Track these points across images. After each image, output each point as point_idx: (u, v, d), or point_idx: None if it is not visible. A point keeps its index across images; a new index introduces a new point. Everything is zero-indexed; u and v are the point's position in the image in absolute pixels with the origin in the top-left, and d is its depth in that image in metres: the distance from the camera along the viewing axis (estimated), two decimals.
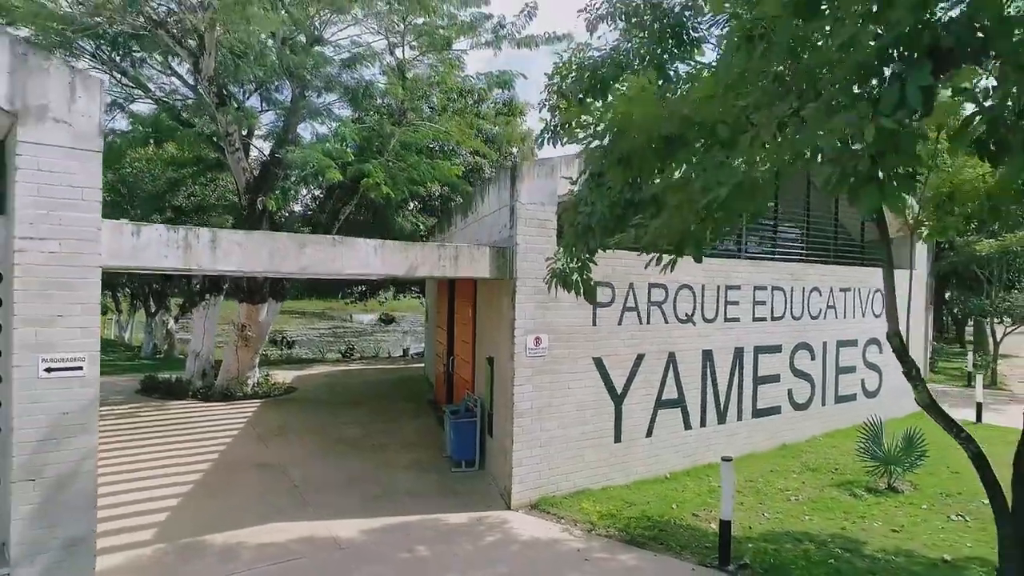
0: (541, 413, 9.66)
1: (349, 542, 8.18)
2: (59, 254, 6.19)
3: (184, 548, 7.89)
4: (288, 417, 14.82)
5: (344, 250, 8.20)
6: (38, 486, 6.15)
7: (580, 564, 7.71)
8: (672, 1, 7.39)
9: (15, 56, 5.97)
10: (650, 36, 7.53)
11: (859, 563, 7.89)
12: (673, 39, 7.64)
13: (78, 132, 6.26)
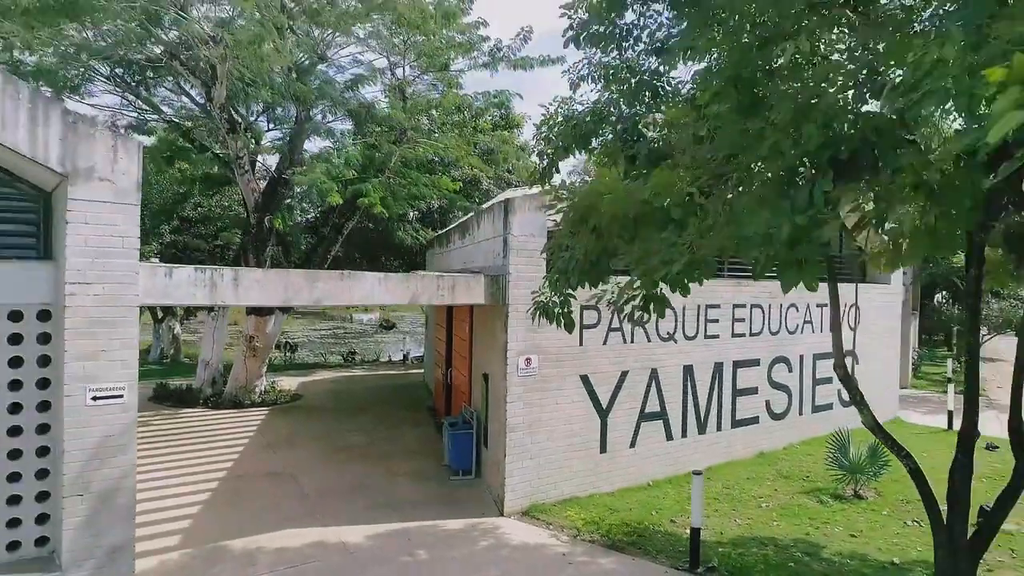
0: (531, 428, 10.52)
1: (356, 547, 9.05)
2: (103, 296, 7.04)
3: (209, 553, 8.76)
4: (295, 425, 15.68)
5: (352, 283, 9.07)
6: (85, 500, 7.00)
7: (564, 567, 8.58)
8: (645, 62, 8.20)
9: (66, 124, 6.81)
10: (627, 92, 8.36)
11: (815, 566, 8.77)
12: (648, 91, 8.48)
13: (120, 189, 7.10)
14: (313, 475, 12.04)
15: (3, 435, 7.04)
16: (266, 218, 16.66)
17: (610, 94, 8.54)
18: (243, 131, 15.68)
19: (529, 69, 19.86)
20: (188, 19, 12.78)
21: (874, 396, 16.61)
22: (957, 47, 3.27)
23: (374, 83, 19.49)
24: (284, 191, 16.95)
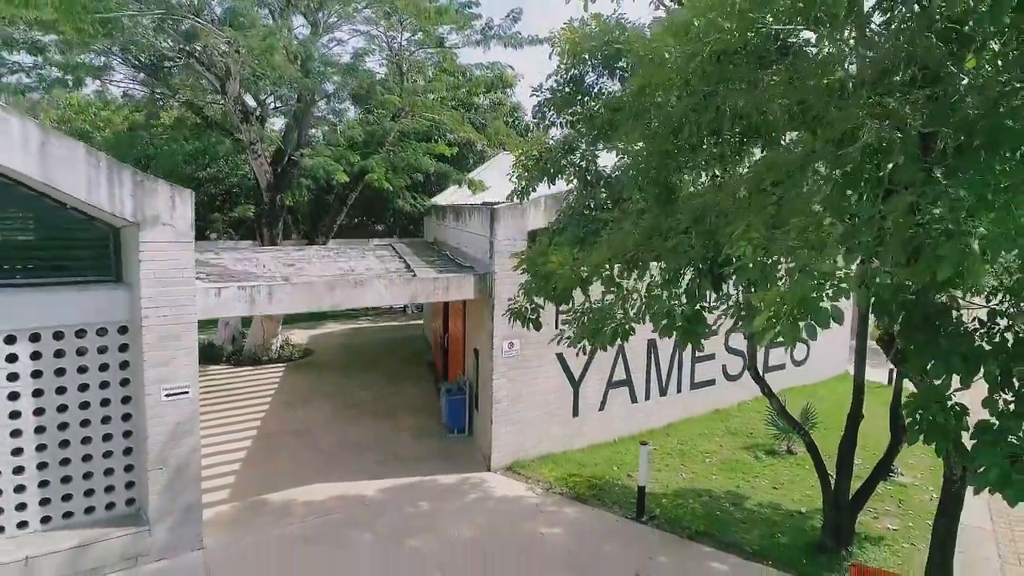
0: (514, 400, 12.60)
1: (370, 499, 11.27)
2: (169, 316, 8.93)
3: (252, 505, 10.97)
4: (310, 383, 17.80)
5: (363, 290, 10.95)
6: (164, 471, 9.09)
7: (535, 515, 10.82)
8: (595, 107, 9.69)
9: (135, 183, 8.53)
10: (590, 127, 9.96)
11: (737, 514, 11.02)
12: (609, 127, 10.11)
13: (178, 230, 8.89)
14: (329, 433, 14.21)
15: (97, 423, 9.06)
16: (278, 196, 18.30)
17: (576, 125, 10.13)
18: (256, 119, 17.14)
19: (519, 48, 21.14)
20: (205, 26, 14.08)
21: (824, 354, 18.81)
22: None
23: (373, 55, 20.79)
24: (293, 171, 18.52)
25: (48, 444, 8.72)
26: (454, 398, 14.24)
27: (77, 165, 8.15)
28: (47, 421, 8.69)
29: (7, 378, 8.38)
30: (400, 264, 13.81)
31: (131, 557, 8.96)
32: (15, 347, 8.37)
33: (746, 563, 9.58)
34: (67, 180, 8.14)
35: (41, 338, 8.54)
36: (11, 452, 8.48)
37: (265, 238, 18.94)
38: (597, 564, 9.41)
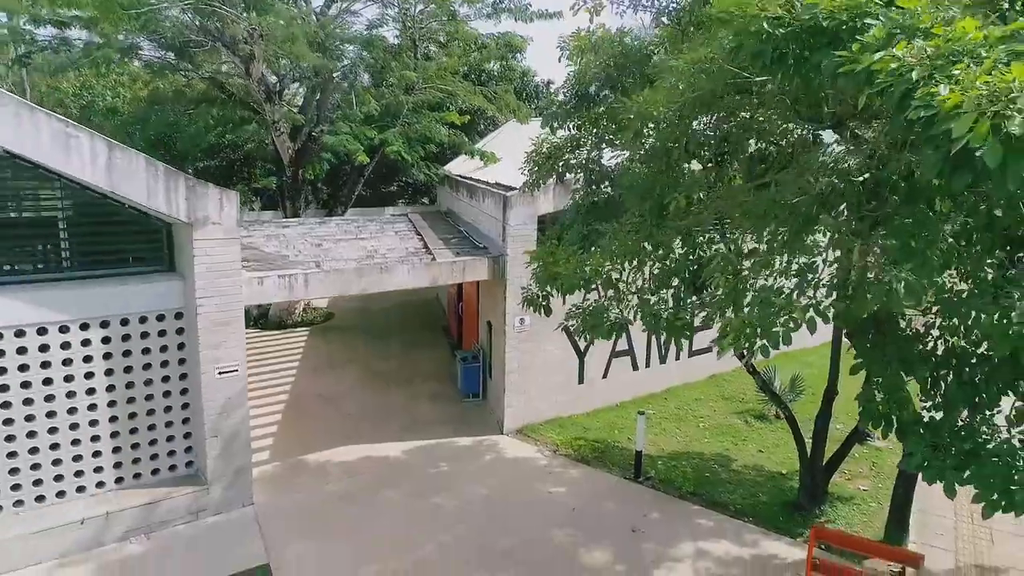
0: (525, 371, 13.80)
1: (395, 460, 12.61)
2: (220, 304, 10.08)
3: (289, 467, 12.32)
4: (332, 348, 19.05)
5: (389, 275, 12.07)
6: (219, 439, 10.39)
7: (544, 476, 12.14)
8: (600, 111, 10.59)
9: (188, 188, 9.57)
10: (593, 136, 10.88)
11: (723, 474, 12.30)
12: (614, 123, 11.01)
13: (226, 228, 9.96)
14: (354, 398, 15.51)
15: (159, 397, 10.32)
16: (299, 171, 19.26)
17: (580, 133, 11.04)
18: (278, 96, 17.97)
19: (529, 21, 21.75)
20: (230, 13, 14.82)
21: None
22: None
23: (387, 26, 21.45)
24: (314, 146, 19.42)
25: (119, 416, 10.00)
26: (469, 366, 15.48)
27: (138, 175, 9.19)
28: (117, 396, 9.94)
29: (83, 360, 9.59)
30: (419, 243, 14.87)
31: (193, 512, 10.35)
32: (88, 333, 9.57)
33: (729, 520, 10.88)
34: (130, 188, 9.19)
35: (110, 324, 9.73)
36: (88, 423, 9.76)
37: (288, 210, 19.96)
38: (597, 520, 10.73)
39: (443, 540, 10.11)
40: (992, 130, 3.26)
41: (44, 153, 8.58)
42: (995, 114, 3.24)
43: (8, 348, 9.02)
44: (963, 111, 3.31)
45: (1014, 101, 3.23)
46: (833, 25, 4.40)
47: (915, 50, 3.77)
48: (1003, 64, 3.70)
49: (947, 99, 3.40)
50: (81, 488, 9.87)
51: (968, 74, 3.51)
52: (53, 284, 9.33)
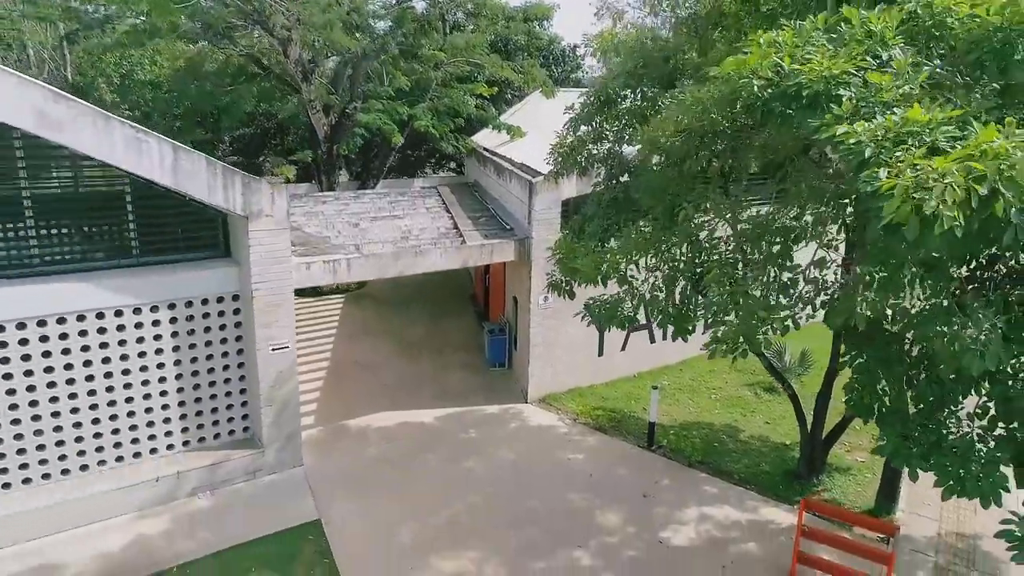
0: (548, 345, 14.81)
1: (429, 426, 13.79)
2: (273, 287, 11.16)
3: (333, 431, 13.56)
4: (366, 316, 20.17)
5: (423, 258, 13.07)
6: (272, 408, 11.60)
7: (565, 443, 13.24)
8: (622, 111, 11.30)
9: (243, 184, 10.55)
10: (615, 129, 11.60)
11: (730, 444, 13.30)
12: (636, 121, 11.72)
13: (276, 219, 10.97)
14: (389, 366, 16.67)
15: (220, 371, 11.52)
16: (334, 147, 20.16)
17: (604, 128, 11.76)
18: (315, 79, 18.78)
19: None
20: (272, 3, 15.58)
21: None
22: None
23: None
24: (348, 123, 20.25)
25: (185, 387, 11.23)
26: (496, 338, 16.54)
27: (200, 174, 10.19)
28: (183, 369, 11.15)
29: (153, 338, 10.78)
30: (449, 222, 15.77)
31: (251, 472, 11.64)
32: (157, 314, 10.72)
33: (733, 487, 11.92)
34: (193, 186, 10.20)
35: (176, 306, 10.87)
36: (159, 393, 11.01)
37: (323, 184, 20.93)
38: (612, 485, 11.83)
39: (473, 501, 11.30)
40: (914, 210, 4.07)
41: (119, 157, 9.60)
42: (918, 198, 4.04)
43: (90, 329, 10.21)
44: (894, 194, 4.12)
45: (931, 190, 4.02)
46: (811, 93, 5.15)
47: (871, 129, 4.53)
48: (945, 143, 4.48)
49: (884, 183, 4.20)
50: (154, 450, 11.17)
51: (908, 157, 4.29)
52: (127, 271, 10.45)
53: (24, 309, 9.63)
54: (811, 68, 5.17)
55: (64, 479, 10.44)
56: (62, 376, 10.15)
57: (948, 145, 4.44)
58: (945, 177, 4.09)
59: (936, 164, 4.17)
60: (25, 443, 10.08)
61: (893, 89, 4.87)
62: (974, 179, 4.11)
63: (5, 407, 9.80)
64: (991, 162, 4.16)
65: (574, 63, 39.71)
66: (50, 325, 9.90)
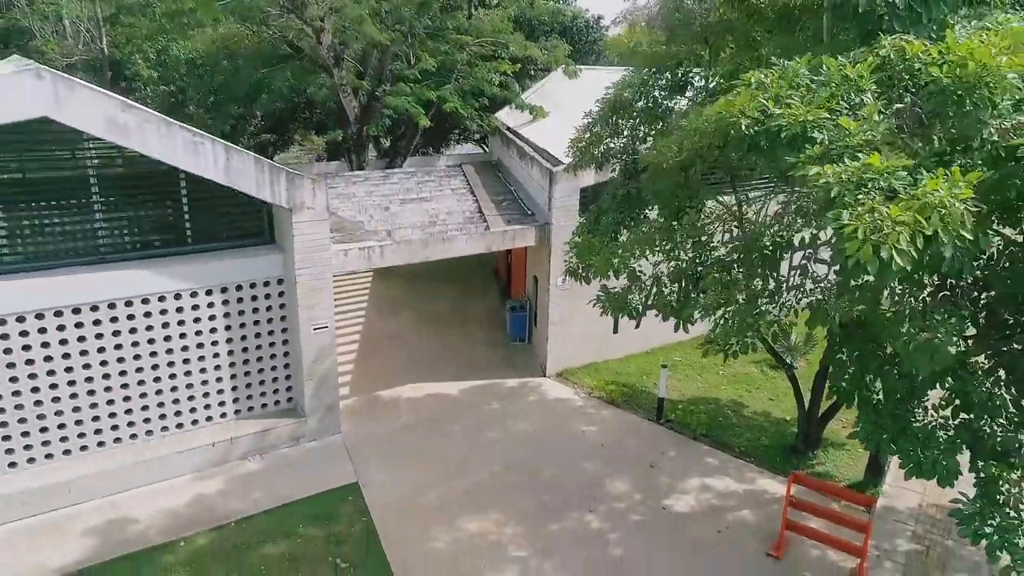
0: (565, 323, 15.81)
1: (456, 398, 14.95)
2: (314, 273, 12.25)
3: (367, 401, 14.77)
4: (395, 291, 21.24)
5: (450, 244, 14.10)
6: (313, 381, 12.80)
7: (580, 416, 14.34)
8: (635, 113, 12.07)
9: (288, 179, 11.57)
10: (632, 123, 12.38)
11: (734, 419, 14.30)
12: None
13: (317, 211, 12.00)
14: (418, 341, 17.80)
15: (267, 347, 12.71)
16: (364, 128, 21.08)
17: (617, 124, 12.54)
18: (346, 64, 19.62)
19: None
20: None
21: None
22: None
23: None
24: (377, 105, 21.12)
25: (236, 361, 12.44)
26: (517, 314, 17.58)
27: (249, 172, 11.22)
28: (234, 346, 12.35)
29: (208, 318, 11.96)
30: (473, 205, 16.70)
31: (295, 439, 12.91)
32: (212, 297, 11.88)
33: (734, 459, 12.96)
34: (243, 182, 11.25)
35: (227, 290, 12.02)
36: (214, 367, 12.23)
37: (353, 163, 21.90)
38: (621, 456, 12.93)
39: (494, 468, 12.47)
40: (873, 250, 4.94)
41: (179, 158, 10.64)
42: (875, 240, 4.91)
43: (153, 311, 11.40)
44: (856, 236, 5.00)
45: (887, 235, 4.87)
46: (789, 134, 5.96)
47: (837, 171, 5.37)
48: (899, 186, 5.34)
49: (847, 225, 5.06)
50: (210, 418, 12.46)
51: (868, 200, 5.14)
52: (184, 259, 11.59)
53: (95, 294, 10.82)
54: (791, 113, 5.98)
55: (133, 443, 11.77)
56: (130, 353, 11.38)
57: (903, 189, 5.28)
58: (897, 225, 4.95)
59: (891, 211, 5.02)
60: (99, 411, 11.38)
61: (860, 134, 5.67)
62: (919, 226, 4.97)
63: (83, 380, 11.07)
64: (934, 211, 5.01)
65: (598, 34, 39.88)
66: (119, 308, 11.10)
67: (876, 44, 6.58)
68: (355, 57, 22.31)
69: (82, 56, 39.81)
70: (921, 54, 6.20)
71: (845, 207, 5.19)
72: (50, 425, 11.04)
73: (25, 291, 10.31)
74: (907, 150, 5.65)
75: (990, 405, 7.23)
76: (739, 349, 7.67)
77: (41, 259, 10.68)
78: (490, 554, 10.42)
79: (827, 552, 10.42)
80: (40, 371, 10.73)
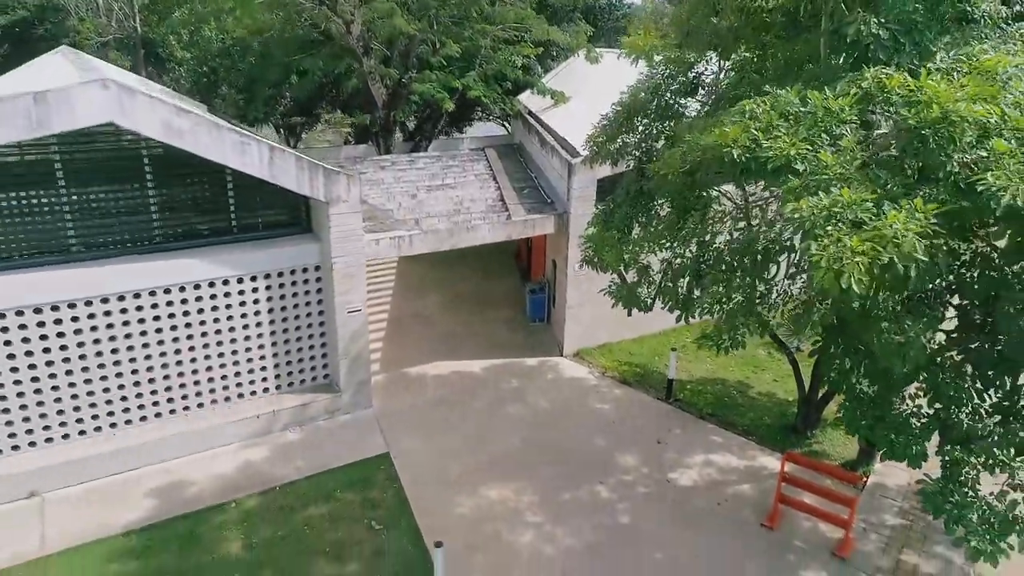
0: (582, 305, 16.74)
1: (478, 375, 16.02)
2: (348, 261, 13.28)
3: (396, 378, 15.89)
4: (420, 272, 22.22)
5: (473, 232, 15.05)
6: (347, 359, 13.91)
7: (594, 394, 15.35)
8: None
9: (325, 175, 12.54)
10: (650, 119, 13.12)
11: (740, 399, 15.23)
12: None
13: (351, 204, 12.98)
14: (442, 320, 18.86)
15: (305, 328, 13.82)
16: (391, 113, 21.94)
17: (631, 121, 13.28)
18: (375, 53, 20.44)
19: None
20: None
21: None
22: None
23: None
24: (403, 91, 21.94)
25: (277, 341, 13.58)
26: (536, 296, 18.55)
27: (290, 169, 12.20)
28: (276, 327, 13.48)
29: (253, 301, 13.07)
30: (495, 192, 17.59)
31: (330, 412, 14.08)
32: (256, 283, 12.97)
33: (736, 437, 13.91)
34: (285, 178, 12.24)
35: (270, 276, 13.09)
36: (258, 346, 13.38)
37: (381, 147, 22.80)
38: (631, 432, 13.94)
39: (514, 442, 13.56)
40: (836, 276, 5.79)
41: (227, 158, 11.65)
42: (836, 269, 5.77)
43: (204, 295, 12.52)
44: (821, 265, 5.86)
45: (844, 266, 5.73)
46: (775, 165, 6.76)
47: (811, 205, 6.19)
48: (865, 217, 6.17)
49: (815, 255, 5.92)
50: (254, 392, 13.65)
51: (835, 231, 5.99)
52: (231, 248, 12.67)
53: (157, 281, 11.96)
54: (777, 146, 6.78)
55: (187, 414, 13.01)
56: (184, 333, 12.54)
57: (868, 219, 6.10)
58: (856, 255, 5.80)
59: (852, 243, 5.86)
60: (158, 385, 12.60)
61: (836, 166, 6.48)
62: (876, 254, 5.81)
63: (142, 357, 12.27)
64: (891, 241, 5.85)
65: (622, 12, 40.04)
66: (173, 293, 12.23)
67: (859, 76, 7.32)
68: (382, 42, 23.06)
69: (116, 34, 40.90)
70: (898, 88, 6.95)
71: (815, 239, 6.04)
72: (128, 395, 12.38)
73: (100, 277, 11.52)
74: (878, 182, 6.44)
75: (957, 397, 8.07)
76: (730, 345, 8.57)
77: (110, 249, 11.84)
78: (508, 519, 11.54)
79: (817, 524, 11.39)
80: (120, 347, 12.03)
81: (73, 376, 11.76)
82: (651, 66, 12.66)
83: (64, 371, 11.66)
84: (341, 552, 10.75)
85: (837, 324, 9.21)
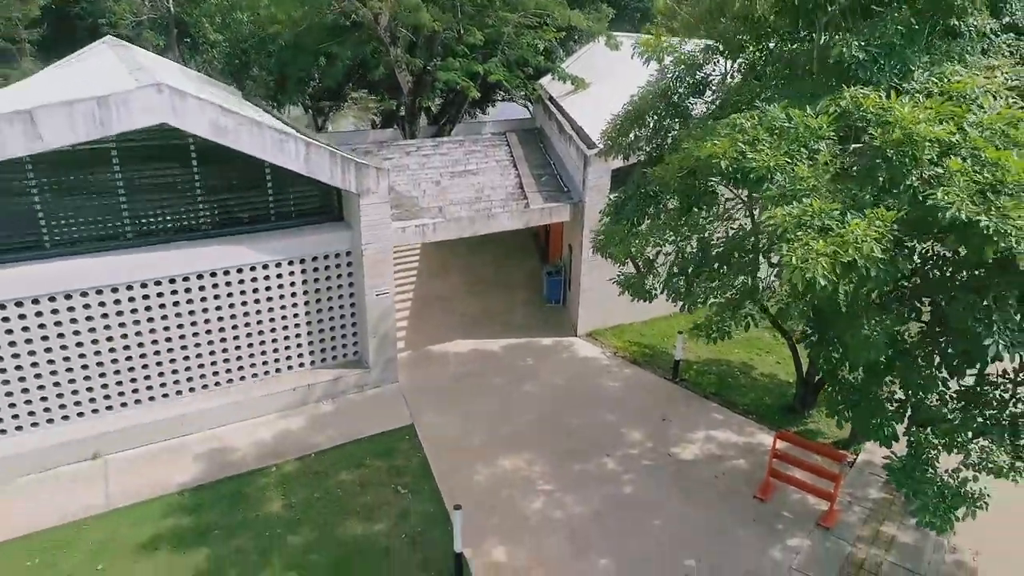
0: (595, 288, 17.67)
1: (497, 354, 17.09)
2: (377, 247, 14.35)
3: (420, 355, 17.02)
4: (443, 256, 23.25)
5: (494, 220, 16.02)
6: (376, 338, 15.05)
7: (605, 373, 16.35)
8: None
9: (357, 168, 13.56)
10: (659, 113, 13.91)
11: (742, 380, 16.14)
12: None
13: (380, 194, 14.00)
14: (463, 302, 19.91)
15: (336, 309, 14.96)
16: (416, 100, 22.84)
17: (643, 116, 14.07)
18: (401, 41, 21.30)
19: None
20: None
21: None
22: None
23: None
24: (428, 79, 22.80)
25: (312, 320, 14.75)
26: (553, 279, 19.53)
27: (324, 164, 13.23)
28: (311, 308, 14.63)
29: (290, 284, 14.21)
30: (515, 179, 18.49)
31: (360, 386, 15.27)
32: (292, 267, 14.10)
33: (737, 416, 14.86)
34: (319, 172, 13.28)
35: (305, 261, 14.21)
36: (294, 325, 14.56)
37: (407, 132, 23.75)
38: (638, 409, 14.95)
39: (529, 417, 14.64)
40: (802, 273, 6.70)
41: (267, 153, 12.70)
42: (802, 268, 6.67)
43: (247, 278, 13.69)
44: (792, 264, 6.76)
45: (809, 265, 6.62)
46: (757, 175, 7.62)
47: (783, 214, 7.08)
48: (836, 223, 7.04)
49: (785, 255, 6.81)
50: (291, 367, 14.87)
51: (804, 236, 6.88)
52: (270, 235, 13.80)
53: (204, 264, 13.12)
54: (760, 158, 7.64)
55: (231, 386, 14.27)
56: (227, 312, 13.74)
57: (834, 226, 6.98)
58: (820, 256, 6.69)
59: (818, 246, 6.75)
60: (203, 360, 13.84)
61: (811, 178, 7.33)
62: (838, 256, 6.71)
63: (191, 334, 13.50)
64: (852, 244, 6.74)
65: None
66: (219, 276, 13.40)
67: (839, 95, 8.13)
68: (408, 29, 23.87)
69: (150, 15, 42.06)
70: (872, 108, 7.75)
71: (787, 242, 6.94)
72: (178, 368, 13.64)
73: (160, 261, 12.74)
74: (848, 193, 7.30)
75: (925, 384, 8.94)
76: (717, 336, 9.51)
77: (168, 235, 13.07)
78: (522, 487, 12.66)
79: (806, 497, 12.36)
80: (171, 324, 13.26)
81: (131, 350, 13.03)
82: (662, 68, 13.42)
83: (123, 346, 12.92)
84: (371, 513, 11.95)
85: (817, 318, 10.09)
